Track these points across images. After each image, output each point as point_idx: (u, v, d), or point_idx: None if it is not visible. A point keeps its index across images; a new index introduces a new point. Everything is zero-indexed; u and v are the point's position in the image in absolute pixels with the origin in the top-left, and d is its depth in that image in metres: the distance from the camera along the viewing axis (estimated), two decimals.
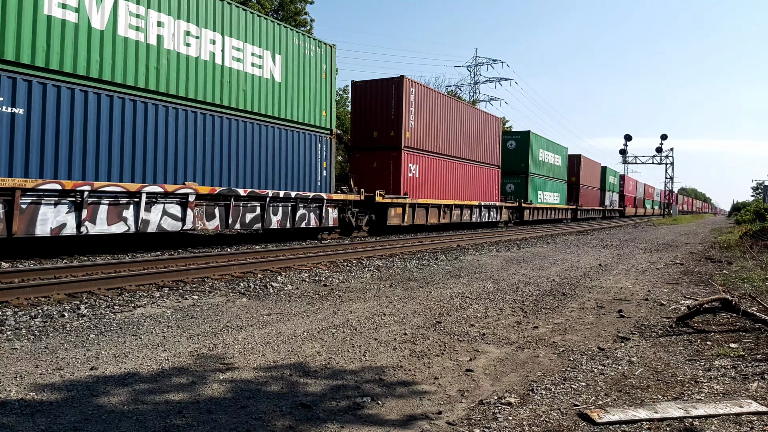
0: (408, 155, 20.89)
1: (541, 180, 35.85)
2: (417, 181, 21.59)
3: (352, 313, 6.49)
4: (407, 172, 20.93)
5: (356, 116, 22.05)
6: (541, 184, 35.90)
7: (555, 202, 38.99)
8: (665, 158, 68.77)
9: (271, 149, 14.76)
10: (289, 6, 32.44)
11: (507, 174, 32.82)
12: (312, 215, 16.21)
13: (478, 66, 61.21)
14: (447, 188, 24.06)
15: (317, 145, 16.48)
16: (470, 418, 3.45)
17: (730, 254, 14.58)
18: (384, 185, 20.54)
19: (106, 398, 3.58)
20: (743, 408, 3.60)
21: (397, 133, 20.67)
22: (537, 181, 35.12)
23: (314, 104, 16.37)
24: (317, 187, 16.47)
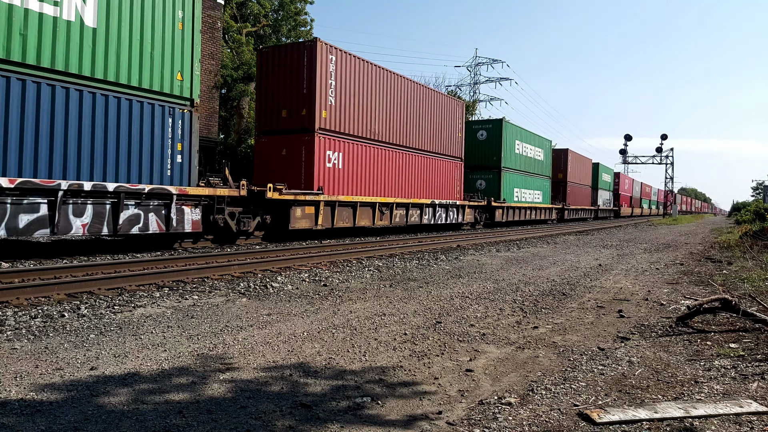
0: (325, 140, 16.66)
1: (517, 176, 31.55)
2: (340, 173, 17.29)
3: (352, 313, 6.49)
4: (323, 162, 16.64)
5: (263, 92, 17.57)
6: (518, 180, 31.58)
7: (536, 201, 34.86)
8: (665, 158, 68.80)
9: (81, 124, 10.33)
10: (289, 6, 32.41)
11: (476, 169, 29.16)
12: (153, 217, 11.53)
13: (478, 66, 61.23)
14: (387, 183, 19.76)
15: (167, 120, 11.93)
16: (470, 418, 3.45)
17: (730, 254, 14.59)
18: (294, 178, 16.45)
19: (106, 398, 3.58)
20: (743, 408, 3.60)
21: (309, 111, 16.32)
22: (512, 177, 30.78)
23: (162, 63, 11.85)
24: (167, 179, 11.92)
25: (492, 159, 29.51)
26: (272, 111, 17.22)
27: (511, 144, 30.63)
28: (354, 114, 17.97)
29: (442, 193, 23.77)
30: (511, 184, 30.75)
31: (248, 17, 29.88)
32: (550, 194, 37.66)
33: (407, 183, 21.13)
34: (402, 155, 20.78)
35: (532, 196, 34.30)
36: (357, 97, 18.12)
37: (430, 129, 22.79)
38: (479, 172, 29.74)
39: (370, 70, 18.95)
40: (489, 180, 29.53)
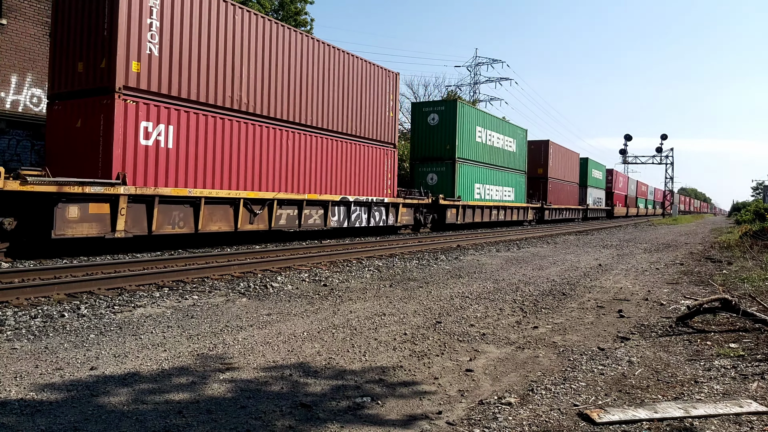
0: (139, 106, 11.43)
1: (479, 169, 26.54)
2: (169, 155, 12.01)
3: (352, 313, 6.49)
4: (134, 137, 11.33)
5: (59, 36, 12.21)
6: (479, 174, 26.57)
7: (507, 199, 29.70)
8: (665, 158, 68.81)
9: None
10: (289, 6, 32.41)
11: (427, 160, 24.73)
12: None
13: (478, 66, 61.20)
14: (266, 173, 14.53)
15: None
16: (470, 418, 3.45)
17: (730, 254, 14.58)
18: (91, 162, 11.21)
19: (106, 398, 3.58)
20: (743, 408, 3.60)
21: (110, 63, 11.15)
22: (472, 170, 25.73)
23: None
24: None
25: (445, 148, 24.40)
26: (68, 64, 11.97)
27: (470, 130, 25.58)
28: (199, 72, 12.73)
29: (364, 187, 18.45)
30: (470, 179, 25.68)
31: None
32: (525, 192, 32.87)
33: (303, 173, 15.77)
34: (293, 135, 15.43)
35: (501, 194, 29.20)
36: (205, 50, 12.84)
37: (342, 103, 17.35)
38: (430, 165, 24.72)
39: (237, 15, 13.56)
40: (441, 174, 24.42)
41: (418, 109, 25.89)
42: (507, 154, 30.09)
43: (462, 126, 24.79)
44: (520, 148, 32.34)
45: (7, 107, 16.11)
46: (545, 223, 37.16)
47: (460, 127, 24.56)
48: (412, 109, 25.53)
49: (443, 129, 24.66)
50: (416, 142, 25.45)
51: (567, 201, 41.17)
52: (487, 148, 27.58)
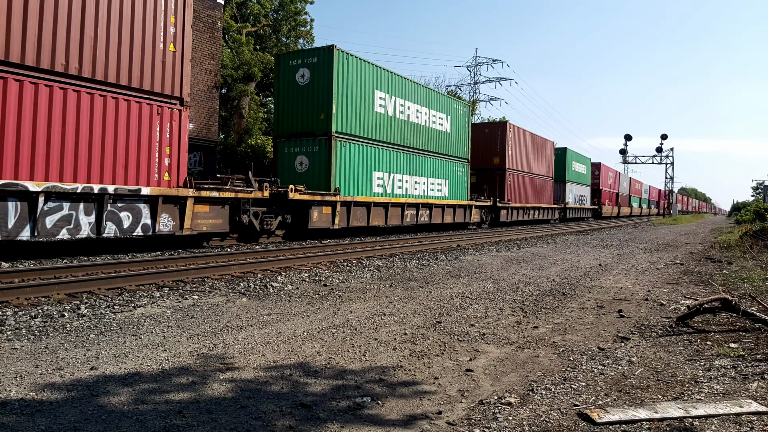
0: None
1: (383, 153, 19.33)
2: None
3: (352, 313, 6.49)
4: None
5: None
6: (384, 159, 19.45)
7: (435, 195, 22.88)
8: (665, 158, 68.87)
9: None
10: (289, 6, 32.39)
11: (294, 137, 17.63)
12: None
13: (478, 66, 61.20)
14: None
15: None
16: (470, 418, 3.45)
17: (730, 254, 14.58)
18: None
19: (106, 398, 3.58)
20: (743, 408, 3.60)
21: None
22: (365, 152, 18.52)
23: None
24: None
25: (317, 119, 17.19)
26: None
27: (362, 95, 18.33)
28: None
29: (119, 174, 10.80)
30: (363, 165, 18.50)
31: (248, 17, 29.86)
32: (468, 186, 25.75)
33: None
34: None
35: (424, 188, 22.13)
36: None
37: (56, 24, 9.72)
38: (298, 143, 17.63)
39: None
40: (313, 156, 17.36)
41: (284, 64, 18.09)
42: (436, 135, 23.01)
43: (344, 86, 17.53)
44: (459, 128, 24.97)
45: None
46: (502, 225, 30.26)
47: (340, 87, 17.31)
48: (275, 64, 18.34)
49: (316, 90, 17.34)
50: (281, 110, 18.09)
51: (536, 198, 34.29)
52: (397, 123, 20.26)
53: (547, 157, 36.51)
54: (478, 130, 30.02)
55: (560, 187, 40.04)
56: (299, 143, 17.71)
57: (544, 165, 35.76)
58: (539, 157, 34.82)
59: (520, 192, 31.82)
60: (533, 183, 33.95)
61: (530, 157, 33.32)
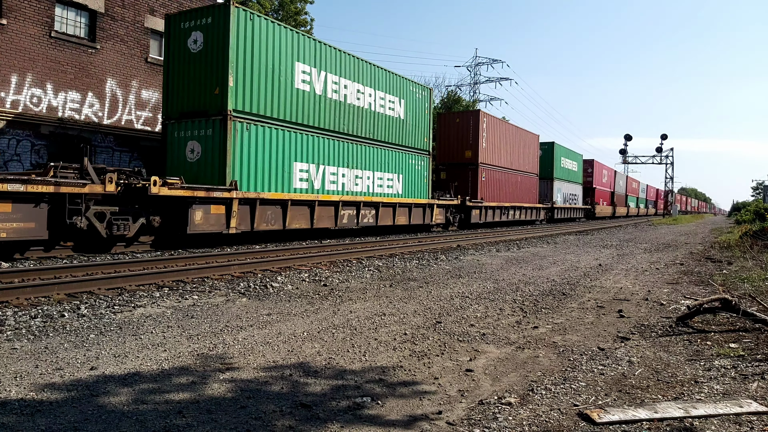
0: None
1: (301, 137, 15.55)
2: None
3: (352, 313, 6.49)
4: None
5: None
6: (303, 146, 15.64)
7: (384, 191, 19.14)
8: (665, 158, 68.88)
9: None
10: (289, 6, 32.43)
11: (187, 117, 14.04)
12: None
13: (478, 66, 61.21)
14: None
15: None
16: (470, 418, 3.45)
17: (730, 254, 14.59)
18: None
19: (106, 398, 3.58)
20: (743, 408, 3.60)
21: None
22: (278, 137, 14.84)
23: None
24: None
25: (211, 95, 13.62)
26: None
27: (275, 66, 14.64)
28: None
29: None
30: (278, 152, 14.76)
31: None
32: (429, 182, 22.14)
33: None
34: None
35: (368, 183, 18.38)
36: None
37: None
38: (191, 124, 13.91)
39: None
40: (207, 140, 13.65)
41: (175, 27, 14.44)
42: (385, 122, 19.26)
43: (249, 54, 13.81)
44: (417, 114, 21.39)
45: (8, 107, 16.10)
46: (475, 227, 26.92)
47: (241, 54, 13.60)
48: (165, 27, 14.73)
49: (211, 59, 13.60)
50: (171, 84, 14.46)
51: (517, 197, 30.84)
52: (329, 104, 16.56)
53: (531, 152, 32.94)
54: (449, 120, 27.27)
55: (547, 185, 36.69)
56: (191, 126, 13.88)
57: (526, 160, 32.18)
58: (521, 152, 31.19)
59: (497, 189, 28.20)
60: (513, 180, 30.37)
61: (509, 151, 29.61)
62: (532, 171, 33.21)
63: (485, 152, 26.71)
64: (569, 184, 40.85)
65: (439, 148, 27.34)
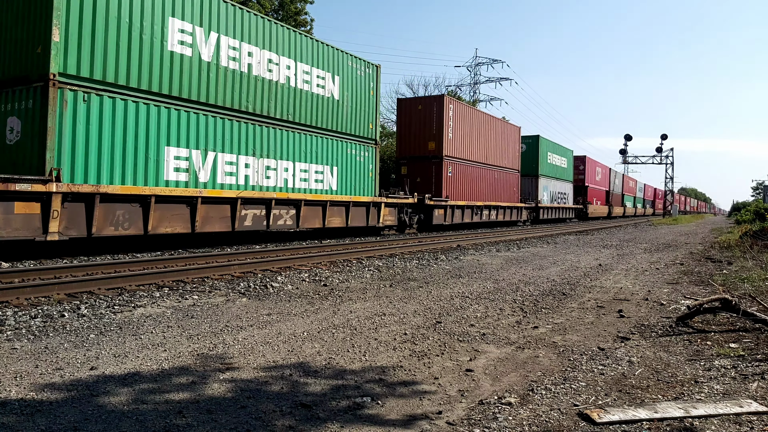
0: None
1: (176, 115, 11.90)
2: None
3: (352, 313, 6.49)
4: None
5: None
6: (181, 127, 11.99)
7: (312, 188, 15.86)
8: (665, 158, 68.87)
9: None
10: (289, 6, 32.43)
11: (5, 85, 10.42)
12: None
13: (478, 66, 61.19)
14: None
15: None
16: (470, 418, 3.45)
17: (730, 254, 14.58)
18: None
19: (106, 398, 3.58)
20: (743, 408, 3.60)
21: None
22: (138, 113, 11.10)
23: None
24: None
25: (33, 53, 10.11)
26: None
27: (133, 20, 11.16)
28: None
29: None
30: (139, 133, 11.21)
31: None
32: (374, 176, 18.66)
33: None
34: None
35: (287, 177, 15.06)
36: None
37: None
38: (11, 95, 10.42)
39: None
40: (28, 114, 10.11)
41: None
42: (312, 102, 15.85)
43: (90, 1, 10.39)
44: (358, 95, 17.86)
45: None
46: (438, 229, 23.48)
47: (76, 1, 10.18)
48: None
49: (32, 6, 10.23)
50: None
51: (493, 195, 27.23)
52: (225, 75, 13.08)
53: (511, 146, 29.38)
54: (410, 107, 23.58)
55: (531, 183, 33.42)
56: (11, 97, 10.36)
57: (505, 155, 28.61)
58: (498, 145, 27.51)
59: (467, 187, 24.45)
60: (488, 176, 26.70)
61: (483, 144, 25.84)
62: (512, 167, 29.69)
63: (452, 144, 23.04)
64: (558, 181, 37.78)
65: (399, 140, 23.97)
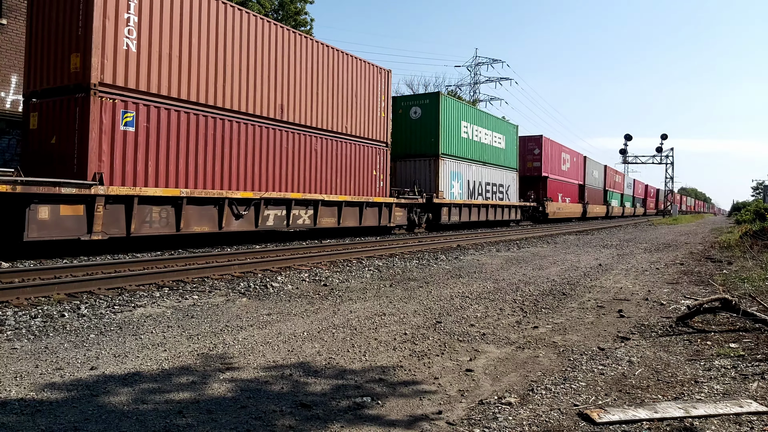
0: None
1: None
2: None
3: (352, 312, 6.49)
4: None
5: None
6: None
7: None
8: (665, 158, 68.86)
9: None
10: (289, 6, 32.42)
11: None
12: None
13: (478, 66, 61.21)
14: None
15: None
16: (470, 418, 3.45)
17: (730, 254, 14.58)
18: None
19: (106, 398, 3.58)
20: (743, 408, 3.60)
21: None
22: None
23: None
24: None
25: None
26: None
27: None
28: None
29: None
30: None
31: None
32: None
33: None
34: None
35: None
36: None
37: None
38: None
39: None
40: None
41: None
42: None
43: None
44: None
45: (8, 107, 16.08)
46: None
47: None
48: None
49: None
50: None
51: (293, 179, 15.39)
52: None
53: (356, 97, 17.84)
54: None
55: (426, 168, 22.42)
56: None
57: (339, 111, 17.13)
58: (312, 90, 16.04)
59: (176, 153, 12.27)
60: (273, 140, 14.70)
61: (259, 79, 14.27)
62: (364, 135, 18.32)
63: (133, 64, 11.44)
64: (488, 168, 26.78)
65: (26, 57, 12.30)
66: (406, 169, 22.92)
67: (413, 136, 22.72)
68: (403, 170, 22.94)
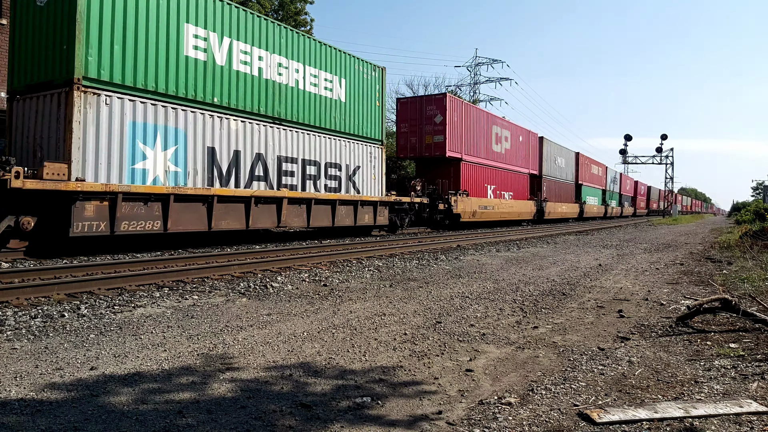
0: None
1: None
2: None
3: (352, 313, 6.49)
4: None
5: None
6: None
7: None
8: (665, 158, 68.89)
9: None
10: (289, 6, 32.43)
11: None
12: None
13: (478, 66, 61.21)
14: None
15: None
16: (470, 418, 3.45)
17: (730, 254, 14.58)
18: None
19: (106, 398, 3.58)
20: (743, 408, 3.60)
21: None
22: None
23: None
24: None
25: None
26: None
27: None
28: None
29: None
30: None
31: None
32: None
33: None
34: None
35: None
36: None
37: None
38: None
39: None
40: None
41: None
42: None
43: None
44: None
45: None
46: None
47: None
48: None
49: None
50: None
51: None
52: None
53: None
54: None
55: (43, 112, 10.96)
56: None
57: None
58: None
59: None
60: None
61: None
62: None
63: None
64: (295, 132, 15.50)
65: None
66: (28, 118, 11.35)
67: (39, 47, 11.28)
68: (24, 121, 11.45)
